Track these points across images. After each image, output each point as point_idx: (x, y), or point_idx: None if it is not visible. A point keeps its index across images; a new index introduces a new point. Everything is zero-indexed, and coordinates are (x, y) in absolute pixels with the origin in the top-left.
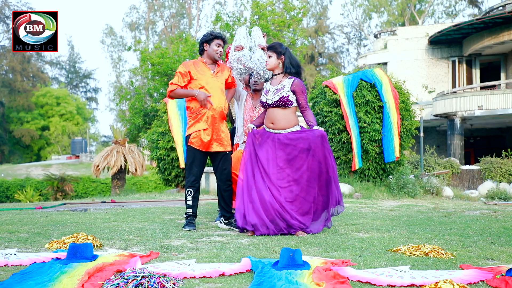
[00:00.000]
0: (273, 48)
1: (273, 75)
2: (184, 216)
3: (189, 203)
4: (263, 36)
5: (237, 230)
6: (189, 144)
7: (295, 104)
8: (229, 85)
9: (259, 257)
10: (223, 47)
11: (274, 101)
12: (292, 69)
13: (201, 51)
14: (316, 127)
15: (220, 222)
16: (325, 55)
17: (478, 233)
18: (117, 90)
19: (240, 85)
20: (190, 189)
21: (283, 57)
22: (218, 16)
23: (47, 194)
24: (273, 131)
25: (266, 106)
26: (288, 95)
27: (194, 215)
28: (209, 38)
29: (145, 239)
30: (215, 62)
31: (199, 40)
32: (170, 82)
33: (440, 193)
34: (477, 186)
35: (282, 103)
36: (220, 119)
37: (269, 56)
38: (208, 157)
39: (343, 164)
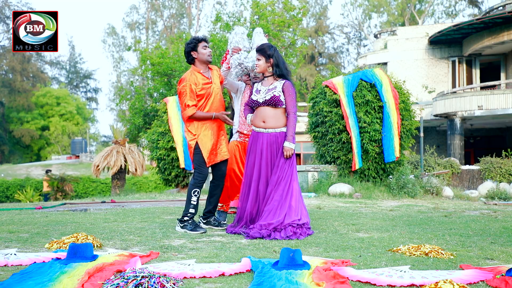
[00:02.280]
0: (262, 51)
1: (264, 77)
2: (187, 217)
3: (194, 203)
4: (265, 36)
5: (216, 228)
6: (207, 160)
7: (285, 106)
8: (220, 83)
9: (259, 257)
10: (208, 47)
11: (266, 100)
12: (278, 71)
13: (191, 61)
14: (287, 143)
15: (199, 222)
16: (325, 55)
17: (478, 233)
18: (117, 90)
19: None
20: (198, 189)
21: (271, 60)
22: (218, 16)
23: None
24: (264, 130)
25: (256, 104)
26: (280, 95)
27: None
28: (193, 45)
29: (145, 239)
30: (207, 65)
31: (185, 51)
32: (185, 104)
33: (440, 193)
34: (477, 186)
35: (273, 102)
36: (222, 124)
37: (258, 59)
38: None
39: (343, 164)
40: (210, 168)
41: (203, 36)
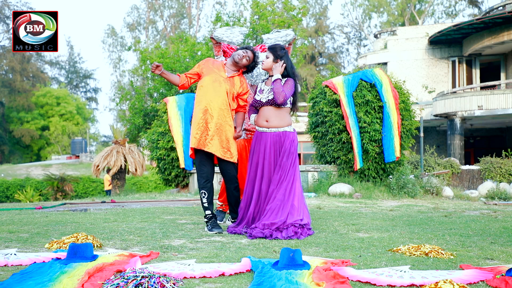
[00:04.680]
0: (273, 50)
1: (269, 76)
2: (205, 219)
3: (205, 205)
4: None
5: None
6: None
7: (289, 105)
8: (238, 104)
9: (259, 257)
10: (249, 58)
11: (268, 100)
12: (285, 73)
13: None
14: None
15: (228, 220)
16: (325, 55)
17: (478, 233)
18: (118, 90)
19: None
20: (203, 191)
21: (278, 60)
22: (218, 16)
23: (47, 194)
24: (267, 129)
25: (260, 104)
26: None
27: (214, 216)
28: (241, 47)
29: (145, 239)
30: (236, 68)
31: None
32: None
33: (440, 193)
34: (477, 186)
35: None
36: (217, 118)
37: (267, 57)
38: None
39: (343, 164)
40: (216, 168)
41: (251, 48)
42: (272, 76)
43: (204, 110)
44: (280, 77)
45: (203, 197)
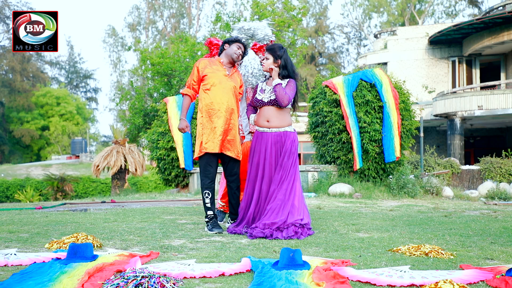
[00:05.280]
0: (272, 50)
1: (270, 76)
2: (206, 219)
3: (208, 205)
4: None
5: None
6: (202, 150)
7: (289, 105)
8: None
9: (259, 257)
10: (243, 52)
11: (271, 99)
12: (285, 72)
13: (221, 51)
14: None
15: (228, 222)
16: (325, 55)
17: (478, 233)
18: (118, 90)
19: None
20: (207, 191)
21: (279, 61)
22: (218, 16)
23: (47, 194)
24: (268, 129)
25: (261, 104)
26: None
27: (215, 216)
28: (231, 40)
29: (145, 239)
30: (232, 64)
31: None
32: (187, 82)
33: (440, 193)
34: (477, 186)
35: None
36: (230, 119)
37: (266, 58)
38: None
39: (343, 164)
40: (219, 168)
41: (244, 42)
42: (272, 76)
43: (220, 113)
44: (281, 82)
45: (207, 197)
